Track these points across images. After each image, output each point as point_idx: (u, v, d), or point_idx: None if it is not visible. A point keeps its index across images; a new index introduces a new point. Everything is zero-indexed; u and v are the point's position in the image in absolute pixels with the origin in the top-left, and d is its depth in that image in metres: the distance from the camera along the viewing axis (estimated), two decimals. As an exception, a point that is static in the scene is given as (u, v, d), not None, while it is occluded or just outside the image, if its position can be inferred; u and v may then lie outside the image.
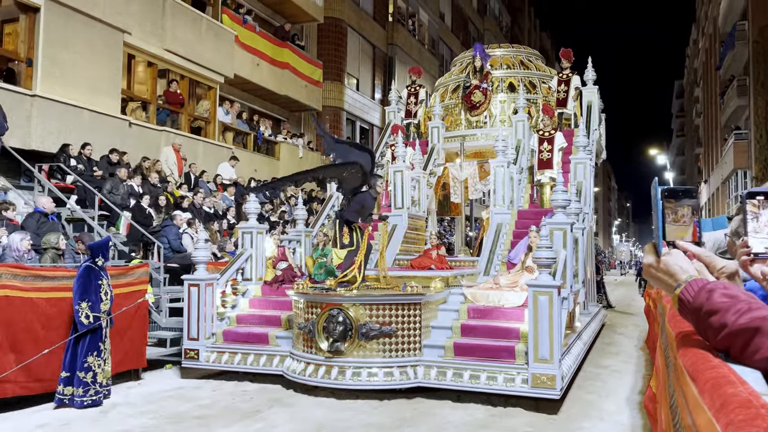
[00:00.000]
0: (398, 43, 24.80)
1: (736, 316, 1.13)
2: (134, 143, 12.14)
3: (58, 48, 10.77)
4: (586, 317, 10.10)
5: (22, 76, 10.48)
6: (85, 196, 9.60)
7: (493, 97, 12.12)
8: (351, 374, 6.34)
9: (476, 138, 11.88)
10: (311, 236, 9.79)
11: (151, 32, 13.00)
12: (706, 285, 1.22)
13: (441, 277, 7.57)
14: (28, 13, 10.55)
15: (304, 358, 6.67)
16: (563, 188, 7.25)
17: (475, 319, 6.97)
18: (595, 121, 11.86)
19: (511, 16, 43.78)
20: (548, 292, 6.06)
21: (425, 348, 6.62)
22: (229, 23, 15.42)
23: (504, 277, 7.51)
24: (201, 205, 11.32)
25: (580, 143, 9.80)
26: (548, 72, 12.90)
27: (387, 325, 6.45)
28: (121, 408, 5.91)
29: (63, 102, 10.67)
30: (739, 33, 26.03)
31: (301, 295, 6.82)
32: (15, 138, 9.64)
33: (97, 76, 11.51)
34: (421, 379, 6.42)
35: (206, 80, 14.82)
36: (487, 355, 6.38)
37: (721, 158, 30.49)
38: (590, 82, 11.90)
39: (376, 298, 6.51)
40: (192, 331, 7.42)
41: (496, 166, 9.83)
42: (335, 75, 21.00)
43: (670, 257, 1.33)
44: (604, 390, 6.81)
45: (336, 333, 6.39)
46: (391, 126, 12.69)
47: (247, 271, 8.41)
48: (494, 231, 9.49)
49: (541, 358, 6.02)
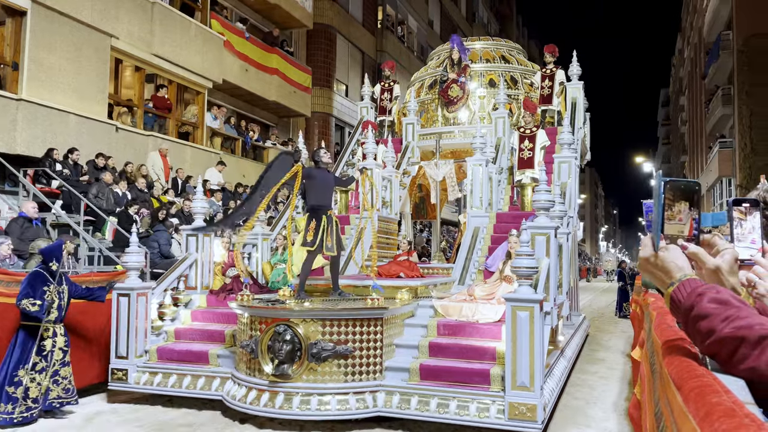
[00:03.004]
0: (387, 49, 24.73)
1: (723, 324, 1.13)
2: (121, 148, 11.96)
3: (44, 52, 10.65)
4: (570, 329, 9.30)
5: (7, 80, 10.40)
6: (71, 201, 9.45)
7: (471, 92, 11.30)
8: (299, 402, 5.40)
9: (453, 135, 11.04)
10: (269, 240, 8.86)
11: (138, 37, 12.88)
12: (698, 287, 1.22)
13: (409, 287, 6.66)
14: (14, 17, 10.42)
15: (246, 382, 5.72)
16: (546, 188, 6.39)
17: (446, 336, 6.08)
18: (580, 119, 11.08)
19: (500, 24, 43.67)
20: (529, 307, 5.19)
21: (387, 371, 5.70)
22: (218, 28, 15.32)
23: (479, 288, 6.63)
24: (189, 210, 10.84)
25: (564, 140, 8.98)
26: (531, 67, 12.12)
27: (342, 343, 5.53)
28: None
29: (49, 106, 10.55)
30: (723, 43, 26.33)
31: (245, 307, 5.88)
32: (0, 142, 9.51)
33: (83, 80, 11.42)
34: (381, 407, 5.51)
35: (194, 85, 14.74)
36: (458, 380, 5.49)
37: (706, 166, 30.43)
38: (575, 77, 11.13)
39: (330, 312, 5.59)
40: (120, 348, 6.42)
41: (473, 165, 8.98)
42: (324, 81, 20.92)
43: (667, 252, 1.31)
44: (591, 396, 6.69)
45: (282, 353, 5.44)
46: (361, 122, 11.80)
47: (192, 278, 7.44)
48: (470, 236, 8.63)
49: (519, 385, 5.15)
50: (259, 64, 16.91)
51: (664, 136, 60.87)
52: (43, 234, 7.97)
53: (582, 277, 34.43)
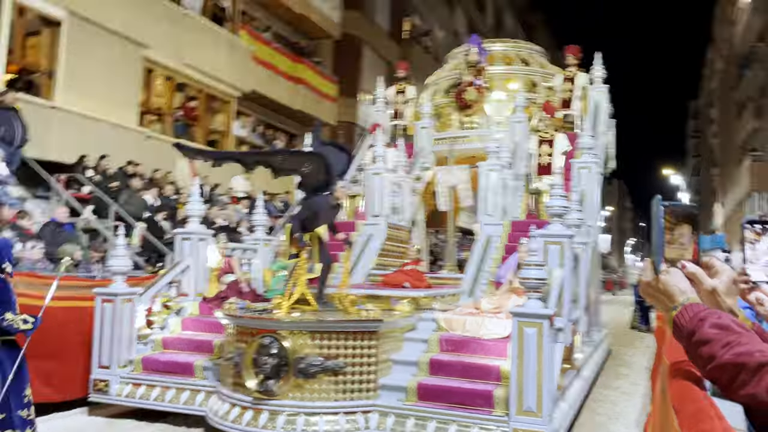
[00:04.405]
0: (413, 59, 24.54)
1: (724, 350, 1.14)
2: (150, 155, 12.10)
3: (78, 61, 10.90)
4: (590, 346, 8.71)
5: (43, 87, 10.64)
6: (101, 206, 9.62)
7: (488, 95, 10.80)
8: (284, 421, 4.95)
9: (469, 140, 10.53)
10: (270, 245, 8.46)
11: (169, 47, 13.09)
12: (700, 312, 1.23)
13: (410, 298, 6.18)
14: (50, 27, 10.71)
15: (230, 398, 5.29)
16: (561, 193, 5.88)
17: (448, 352, 5.58)
18: (603, 124, 10.48)
19: (527, 34, 43.12)
20: (537, 323, 4.68)
21: (382, 389, 5.23)
22: (247, 39, 15.57)
23: (486, 301, 6.12)
24: (215, 219, 10.98)
25: (584, 145, 8.44)
26: (552, 70, 11.59)
27: (333, 358, 5.07)
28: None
29: (82, 114, 10.81)
30: (755, 55, 25.57)
31: (231, 317, 5.47)
32: (34, 148, 9.62)
33: (115, 88, 11.66)
34: (373, 429, 5.03)
35: (222, 94, 14.98)
36: (459, 402, 4.99)
37: (736, 180, 29.53)
38: (598, 80, 10.54)
39: (320, 324, 5.15)
40: (103, 358, 6.05)
41: (487, 170, 8.48)
42: (350, 91, 20.94)
43: (669, 276, 1.31)
44: (613, 412, 6.56)
45: (267, 368, 5.00)
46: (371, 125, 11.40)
47: (185, 284, 7.06)
48: (482, 244, 8.12)
49: (526, 410, 4.63)
50: (287, 73, 17.16)
51: (693, 148, 59.53)
52: (74, 239, 8.14)
53: (607, 290, 33.48)
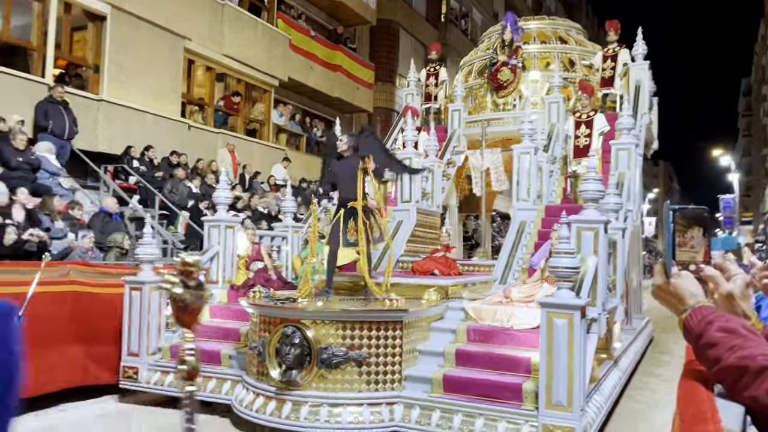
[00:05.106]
0: (450, 43, 24.11)
1: (729, 353, 1.17)
2: (193, 145, 12.44)
3: (122, 54, 11.20)
4: (630, 334, 8.40)
5: (89, 82, 10.98)
6: (147, 196, 9.96)
7: (523, 75, 10.45)
8: (307, 412, 4.88)
9: (503, 122, 10.23)
10: (300, 232, 8.41)
11: (209, 38, 13.35)
12: (708, 315, 1.25)
13: (438, 287, 6.01)
14: (95, 22, 11.01)
15: (254, 387, 5.25)
16: (596, 176, 5.59)
17: (476, 342, 5.41)
18: (645, 103, 10.02)
19: (568, 13, 41.91)
20: (567, 314, 4.46)
21: (407, 380, 5.10)
22: (284, 27, 15.71)
23: (517, 289, 5.90)
24: (256, 206, 11.29)
25: (624, 125, 8.05)
26: (590, 48, 11.14)
27: (356, 348, 4.96)
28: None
29: (127, 106, 11.11)
30: None
31: (255, 306, 5.41)
32: (83, 141, 10.04)
33: (159, 81, 11.95)
34: (398, 421, 4.91)
35: (261, 83, 15.15)
36: (486, 394, 4.82)
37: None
38: (639, 57, 10.05)
39: (344, 314, 5.04)
40: (132, 345, 6.10)
41: (520, 153, 8.20)
42: (387, 76, 20.89)
43: (680, 280, 1.33)
44: (652, 400, 6.48)
45: (290, 358, 4.93)
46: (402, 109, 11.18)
47: (213, 272, 7.05)
48: (516, 230, 7.88)
49: (555, 404, 4.43)
50: (324, 61, 17.24)
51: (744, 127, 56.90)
52: (122, 228, 8.38)
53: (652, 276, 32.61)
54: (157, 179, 10.42)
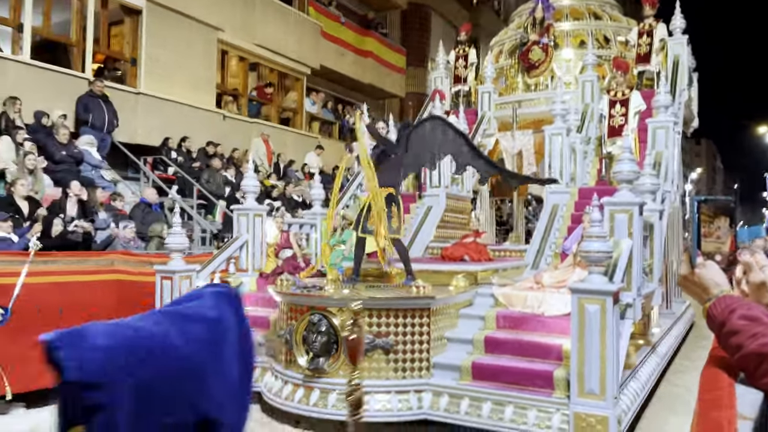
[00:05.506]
0: (483, 23, 23.56)
1: (750, 340, 1.19)
2: (228, 135, 12.65)
3: (159, 47, 11.40)
4: (669, 319, 8.15)
5: (127, 75, 11.22)
6: (185, 186, 10.16)
7: (556, 54, 10.15)
8: (335, 400, 4.86)
9: (534, 103, 9.97)
10: (330, 220, 8.36)
11: (242, 28, 13.48)
12: (731, 304, 1.27)
13: (467, 273, 5.90)
14: (131, 16, 11.20)
15: (282, 375, 5.26)
16: (630, 156, 5.38)
17: (505, 329, 5.29)
18: (684, 79, 9.63)
19: (604, -8, 40.68)
20: (599, 299, 4.31)
21: (436, 368, 5.03)
22: (315, 15, 15.78)
23: (548, 275, 5.75)
24: (291, 194, 11.46)
25: (661, 102, 7.74)
26: (625, 23, 10.75)
27: (383, 336, 4.91)
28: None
29: (164, 98, 11.33)
30: None
31: (282, 294, 5.41)
32: (123, 133, 10.34)
33: (194, 72, 12.16)
34: (426, 409, 4.86)
35: (294, 72, 15.28)
36: (516, 382, 4.72)
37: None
38: (678, 31, 9.66)
39: (370, 301, 4.98)
40: (164, 334, 6.18)
41: (551, 134, 7.98)
42: (419, 61, 20.48)
43: (705, 270, 1.35)
44: (692, 383, 5.70)
45: (317, 345, 4.91)
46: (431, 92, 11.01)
47: (242, 260, 7.08)
48: (548, 214, 7.68)
49: (588, 392, 4.30)
50: (355, 47, 17.22)
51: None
52: (162, 218, 8.48)
53: (694, 258, 31.71)
54: (194, 169, 10.59)
